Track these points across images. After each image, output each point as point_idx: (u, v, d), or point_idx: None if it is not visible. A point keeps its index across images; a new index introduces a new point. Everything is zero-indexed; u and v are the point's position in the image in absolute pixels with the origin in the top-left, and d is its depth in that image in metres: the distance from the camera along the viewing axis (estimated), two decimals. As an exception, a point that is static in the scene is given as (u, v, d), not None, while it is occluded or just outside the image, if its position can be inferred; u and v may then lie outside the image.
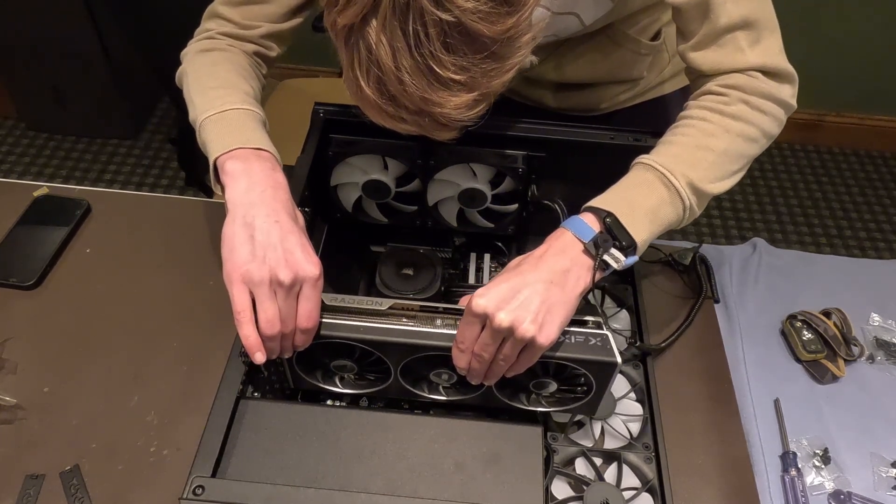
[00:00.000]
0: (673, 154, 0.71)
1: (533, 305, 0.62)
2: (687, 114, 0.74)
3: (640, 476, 0.73)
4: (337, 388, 0.74)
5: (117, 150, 2.36)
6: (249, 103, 0.75)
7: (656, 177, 0.69)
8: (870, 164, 2.48)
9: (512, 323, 0.61)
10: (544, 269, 0.64)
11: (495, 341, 0.63)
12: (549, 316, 0.63)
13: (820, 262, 1.06)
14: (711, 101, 0.73)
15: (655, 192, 0.69)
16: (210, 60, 0.79)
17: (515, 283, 0.63)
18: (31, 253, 0.96)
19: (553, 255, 0.65)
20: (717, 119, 0.72)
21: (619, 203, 0.68)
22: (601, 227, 0.67)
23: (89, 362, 0.86)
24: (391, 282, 0.85)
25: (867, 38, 2.23)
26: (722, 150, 0.71)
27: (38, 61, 2.16)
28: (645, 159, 0.71)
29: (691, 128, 0.72)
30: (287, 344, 0.66)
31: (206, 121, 0.72)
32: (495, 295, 0.62)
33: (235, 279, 0.63)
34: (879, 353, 0.93)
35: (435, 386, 0.74)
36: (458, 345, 0.65)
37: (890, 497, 0.80)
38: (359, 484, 0.66)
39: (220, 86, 0.76)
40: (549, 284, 0.63)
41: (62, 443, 0.78)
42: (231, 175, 0.68)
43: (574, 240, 0.66)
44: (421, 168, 0.84)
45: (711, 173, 0.70)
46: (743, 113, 0.72)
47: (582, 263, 0.66)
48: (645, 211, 0.68)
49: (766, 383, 0.89)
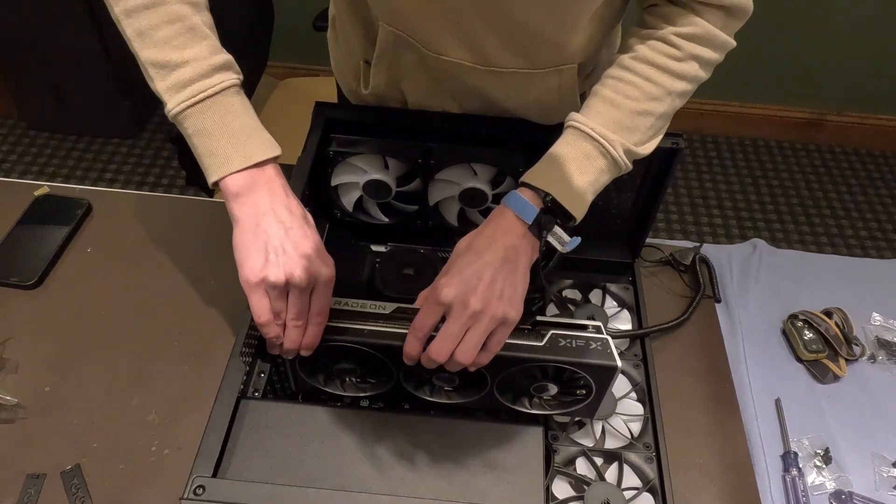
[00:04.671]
0: (613, 120, 0.69)
1: (497, 285, 0.63)
2: (634, 66, 0.71)
3: (640, 476, 0.73)
4: (340, 392, 0.74)
5: (117, 150, 2.36)
6: (218, 69, 0.66)
7: (594, 147, 0.68)
8: (870, 163, 2.48)
9: (483, 306, 0.62)
10: (498, 248, 0.65)
11: (464, 327, 0.63)
12: (513, 292, 0.64)
13: (821, 261, 1.06)
14: (661, 56, 0.70)
15: (594, 164, 0.69)
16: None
17: (477, 268, 0.64)
18: (32, 252, 0.96)
19: (502, 234, 0.66)
20: (664, 80, 0.70)
21: (559, 181, 0.68)
22: (541, 204, 0.67)
23: (90, 362, 0.86)
24: (392, 282, 0.84)
25: (868, 37, 2.23)
26: (661, 112, 0.71)
27: (38, 61, 2.16)
28: (582, 124, 0.69)
29: (635, 88, 0.70)
30: (298, 338, 0.66)
31: (182, 116, 0.65)
32: (460, 281, 0.63)
33: (253, 284, 0.64)
34: (881, 352, 0.93)
35: (437, 389, 0.74)
36: (416, 333, 0.64)
37: (891, 497, 0.79)
38: (359, 484, 0.66)
39: (179, 58, 0.64)
40: (505, 262, 0.65)
41: (63, 442, 0.78)
42: (236, 196, 0.66)
43: (516, 220, 0.67)
44: (421, 168, 0.84)
45: (647, 136, 0.71)
46: (690, 71, 0.71)
47: (528, 241, 0.67)
48: (584, 186, 0.68)
49: (767, 383, 0.89)
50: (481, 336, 0.63)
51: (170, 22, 0.65)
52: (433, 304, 0.64)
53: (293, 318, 0.66)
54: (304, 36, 1.78)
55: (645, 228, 0.90)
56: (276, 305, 0.65)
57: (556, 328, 0.69)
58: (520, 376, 0.70)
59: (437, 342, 0.63)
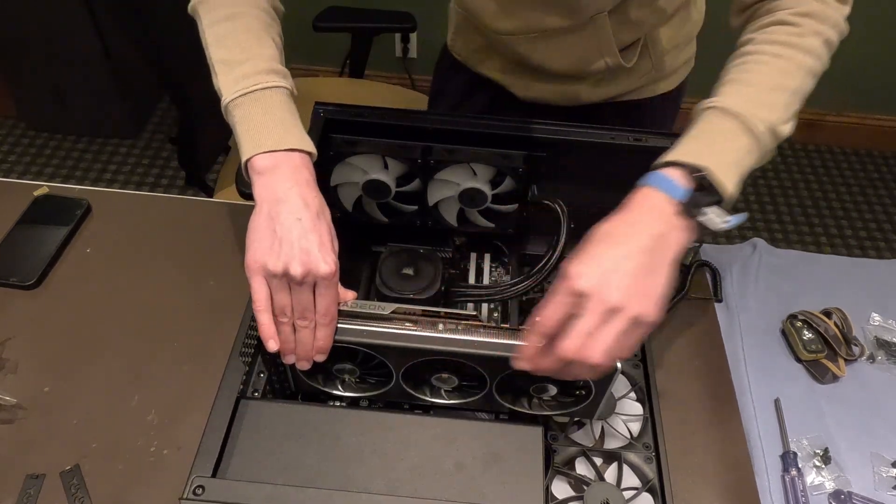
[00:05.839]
0: (749, 96, 0.65)
1: (640, 279, 0.56)
2: (756, 48, 0.68)
3: (640, 476, 0.73)
4: (339, 392, 0.74)
5: (117, 150, 2.36)
6: (276, 72, 0.71)
7: (737, 125, 0.63)
8: (870, 163, 2.48)
9: (624, 302, 0.55)
10: (642, 236, 0.58)
11: (600, 325, 0.56)
12: (658, 288, 0.57)
13: (820, 261, 1.06)
14: (784, 34, 0.68)
15: (739, 141, 0.63)
16: (225, 12, 0.74)
17: (617, 256, 0.57)
18: (32, 253, 0.96)
19: (648, 219, 0.59)
20: (792, 54, 0.67)
21: (708, 156, 0.62)
22: (691, 183, 0.61)
23: (89, 362, 0.86)
24: (391, 282, 0.84)
25: (868, 37, 2.23)
26: (794, 88, 0.67)
27: (38, 61, 2.16)
28: (719, 103, 0.65)
29: (764, 65, 0.67)
30: (308, 340, 0.66)
31: (235, 103, 0.70)
32: (599, 270, 0.56)
33: (254, 270, 0.65)
34: (880, 352, 0.93)
35: (437, 390, 0.74)
36: (541, 328, 0.58)
37: (890, 497, 0.79)
38: (359, 484, 0.66)
39: (244, 50, 0.71)
40: (650, 252, 0.57)
41: (62, 442, 0.78)
42: (260, 174, 0.68)
43: (666, 200, 0.60)
44: (421, 168, 0.84)
45: (786, 114, 0.66)
46: (815, 47, 0.68)
47: (678, 226, 0.60)
48: (732, 163, 0.63)
49: (767, 383, 0.89)
50: (617, 336, 0.56)
51: (245, 31, 0.73)
52: (565, 294, 0.57)
53: (299, 318, 0.66)
54: (304, 36, 1.77)
55: (644, 228, 0.89)
56: (280, 299, 0.65)
57: None
58: (519, 377, 0.69)
59: (569, 339, 0.56)
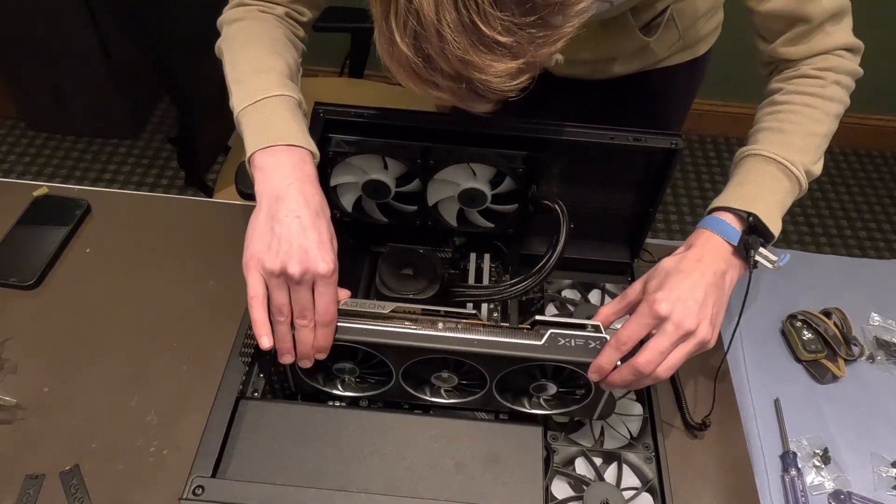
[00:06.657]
0: (788, 144, 0.75)
1: (709, 309, 0.66)
2: (786, 98, 0.78)
3: (640, 476, 0.73)
4: (339, 392, 0.74)
5: (117, 150, 2.36)
6: (284, 86, 0.74)
7: (779, 169, 0.73)
8: (870, 164, 2.48)
9: (696, 328, 0.65)
10: (708, 273, 0.68)
11: (673, 346, 0.65)
12: (719, 318, 0.67)
13: (820, 261, 1.06)
14: (811, 87, 0.77)
15: (781, 184, 0.73)
16: (244, 36, 0.78)
17: (689, 287, 0.66)
18: (31, 253, 0.96)
19: (710, 258, 0.69)
20: (820, 104, 0.77)
21: (757, 202, 0.71)
22: (743, 226, 0.71)
23: (89, 362, 0.86)
24: (391, 282, 0.84)
25: (867, 38, 2.23)
26: (824, 133, 0.77)
27: (38, 61, 2.16)
28: (763, 151, 0.74)
29: (798, 115, 0.76)
30: (308, 339, 0.66)
31: (242, 113, 0.72)
32: (678, 298, 0.65)
33: (251, 267, 0.65)
34: (879, 352, 0.93)
35: (436, 389, 0.74)
36: (620, 345, 0.65)
37: (890, 497, 0.79)
38: (359, 484, 0.66)
39: (255, 70, 0.75)
40: (713, 288, 0.67)
41: (62, 443, 0.78)
42: (261, 169, 0.68)
43: (723, 243, 0.70)
44: (421, 168, 0.84)
45: (817, 156, 0.76)
46: (837, 94, 0.78)
47: (734, 265, 0.70)
48: (776, 204, 0.72)
49: (766, 383, 0.89)
50: (684, 357, 0.66)
51: (258, 55, 0.76)
52: (648, 317, 0.65)
53: (298, 317, 0.66)
54: (303, 36, 1.77)
55: (644, 229, 0.90)
56: (277, 298, 0.65)
57: (555, 327, 0.69)
58: (519, 376, 0.70)
59: (647, 355, 0.64)
